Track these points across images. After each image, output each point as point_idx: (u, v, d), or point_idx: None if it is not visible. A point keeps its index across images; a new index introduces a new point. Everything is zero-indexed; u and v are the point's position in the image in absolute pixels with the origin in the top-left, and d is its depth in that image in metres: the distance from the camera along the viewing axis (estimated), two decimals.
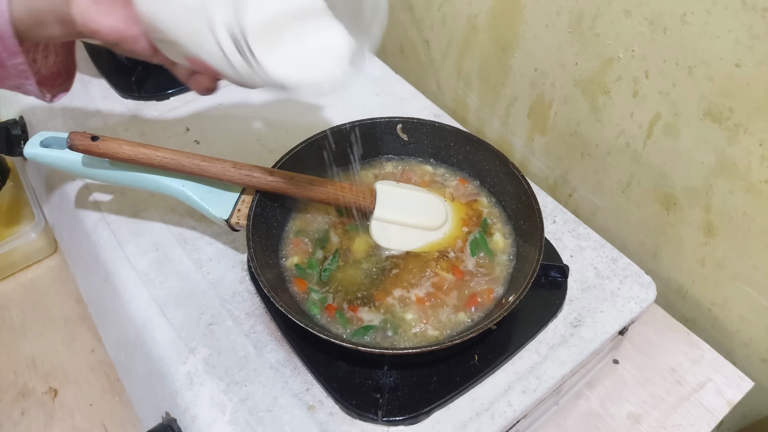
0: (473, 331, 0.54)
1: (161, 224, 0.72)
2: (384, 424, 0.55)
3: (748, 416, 0.76)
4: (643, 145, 0.70)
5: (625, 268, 0.68)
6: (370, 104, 0.87)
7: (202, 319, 0.63)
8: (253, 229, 0.61)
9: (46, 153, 0.63)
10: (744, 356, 0.72)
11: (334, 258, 0.63)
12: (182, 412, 0.58)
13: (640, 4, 0.62)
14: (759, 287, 0.66)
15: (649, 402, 0.67)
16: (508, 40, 0.81)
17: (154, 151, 0.59)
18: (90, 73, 0.93)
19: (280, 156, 0.67)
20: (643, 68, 0.65)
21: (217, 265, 0.68)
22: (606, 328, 0.62)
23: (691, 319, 0.76)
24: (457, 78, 0.94)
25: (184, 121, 0.85)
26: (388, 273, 0.63)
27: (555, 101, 0.79)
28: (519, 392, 0.57)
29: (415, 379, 0.58)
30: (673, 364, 0.70)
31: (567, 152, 0.81)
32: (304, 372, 0.59)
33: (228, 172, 0.61)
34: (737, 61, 0.56)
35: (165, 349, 0.61)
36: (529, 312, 0.62)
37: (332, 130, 0.70)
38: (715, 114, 0.61)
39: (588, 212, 0.83)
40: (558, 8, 0.71)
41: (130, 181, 0.64)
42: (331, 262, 0.63)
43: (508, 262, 0.64)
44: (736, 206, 0.64)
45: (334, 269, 0.63)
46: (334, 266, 0.63)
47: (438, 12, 0.90)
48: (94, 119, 0.86)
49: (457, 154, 0.72)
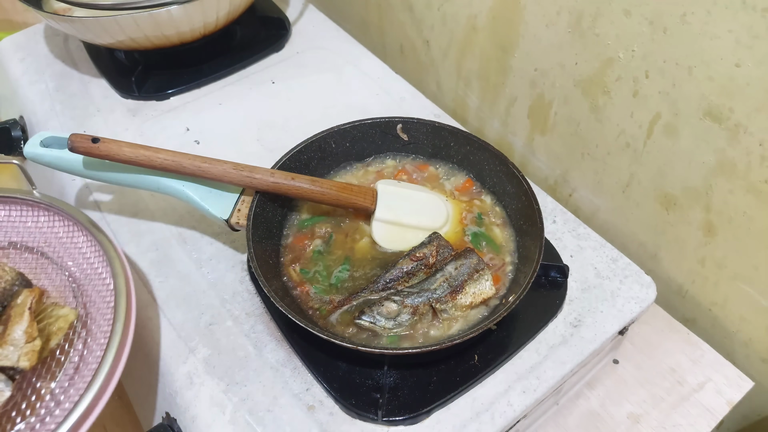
0: (473, 331, 0.54)
1: (161, 224, 0.72)
2: (384, 424, 0.55)
3: (748, 416, 0.76)
4: (643, 145, 0.70)
5: (625, 268, 0.68)
6: (370, 104, 0.87)
7: (202, 319, 0.63)
8: (253, 229, 0.61)
9: (46, 153, 0.63)
10: (744, 356, 0.72)
11: (344, 265, 0.63)
12: (182, 412, 0.58)
13: (640, 4, 0.62)
14: (759, 287, 0.66)
15: (649, 402, 0.67)
16: (508, 40, 0.81)
17: (155, 153, 0.59)
18: (90, 73, 0.93)
19: (280, 156, 0.67)
20: (643, 68, 0.65)
21: (217, 265, 0.68)
22: (606, 328, 0.62)
23: (691, 319, 0.76)
24: (457, 78, 0.94)
25: (184, 121, 0.85)
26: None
27: (555, 101, 0.79)
28: (519, 392, 0.57)
29: (415, 379, 0.58)
30: (673, 364, 0.70)
31: (567, 152, 0.81)
32: (304, 372, 0.59)
33: (229, 173, 0.61)
34: (737, 61, 0.56)
35: (165, 349, 0.61)
36: (529, 312, 0.62)
37: (332, 130, 0.70)
38: (715, 114, 0.61)
39: (588, 212, 0.83)
40: (558, 8, 0.71)
41: (130, 181, 0.64)
42: (341, 270, 0.63)
43: (509, 261, 0.64)
44: (736, 206, 0.64)
45: (341, 274, 0.63)
46: (344, 275, 0.63)
47: (438, 12, 0.90)
48: (94, 119, 0.86)
49: (457, 154, 0.72)
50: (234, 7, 0.86)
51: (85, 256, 0.62)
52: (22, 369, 0.51)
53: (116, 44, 0.83)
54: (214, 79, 0.91)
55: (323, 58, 0.95)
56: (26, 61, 0.95)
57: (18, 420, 0.51)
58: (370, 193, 0.66)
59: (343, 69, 0.93)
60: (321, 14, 1.05)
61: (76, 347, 0.56)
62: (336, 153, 0.72)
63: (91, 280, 0.60)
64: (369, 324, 0.57)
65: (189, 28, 0.83)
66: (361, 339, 0.58)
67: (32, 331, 0.52)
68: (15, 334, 0.52)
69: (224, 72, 0.92)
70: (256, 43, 0.96)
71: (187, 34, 0.84)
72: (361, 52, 0.97)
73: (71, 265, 0.62)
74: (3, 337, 0.51)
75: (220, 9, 0.84)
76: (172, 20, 0.80)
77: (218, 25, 0.87)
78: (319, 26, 1.02)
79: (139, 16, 0.77)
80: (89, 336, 0.56)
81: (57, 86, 0.90)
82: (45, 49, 0.97)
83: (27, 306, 0.53)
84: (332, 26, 1.02)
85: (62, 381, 0.54)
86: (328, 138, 0.70)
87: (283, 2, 1.06)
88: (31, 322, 0.53)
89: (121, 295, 0.56)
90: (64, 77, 0.92)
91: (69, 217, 0.63)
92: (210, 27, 0.86)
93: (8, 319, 0.53)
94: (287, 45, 0.97)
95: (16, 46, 0.98)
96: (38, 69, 0.94)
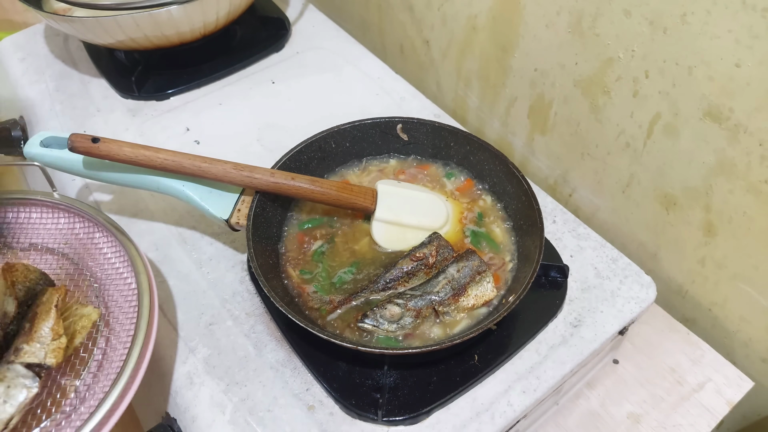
0: (473, 331, 0.54)
1: (161, 224, 0.72)
2: (384, 424, 0.55)
3: (748, 416, 0.76)
4: (643, 145, 0.70)
5: (625, 268, 0.68)
6: (370, 104, 0.87)
7: (202, 319, 0.63)
8: (253, 229, 0.61)
9: (46, 153, 0.64)
10: (744, 356, 0.72)
11: (350, 267, 0.64)
12: (182, 412, 0.58)
13: (640, 4, 0.62)
14: (759, 287, 0.66)
15: (649, 402, 0.67)
16: (508, 40, 0.81)
17: (155, 153, 0.59)
18: (90, 73, 0.93)
19: (280, 156, 0.67)
20: (643, 68, 0.65)
21: (217, 265, 0.68)
22: (606, 328, 0.62)
23: (691, 319, 0.76)
24: (457, 78, 0.94)
25: (184, 121, 0.85)
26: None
27: (555, 101, 0.79)
28: (519, 392, 0.57)
29: (415, 379, 0.58)
30: (673, 364, 0.70)
31: (567, 152, 0.81)
32: (304, 372, 0.59)
33: (229, 173, 0.61)
34: (737, 61, 0.56)
35: (165, 349, 0.61)
36: (529, 312, 0.62)
37: (332, 130, 0.70)
38: (715, 114, 0.61)
39: (588, 212, 0.83)
40: (558, 8, 0.71)
41: (130, 181, 0.64)
42: (346, 271, 0.63)
43: (509, 261, 0.64)
44: (736, 206, 0.64)
45: (345, 275, 0.63)
46: (348, 276, 0.63)
47: (438, 12, 0.90)
48: (94, 119, 0.86)
49: (457, 154, 0.72)
50: (234, 7, 0.86)
51: (105, 257, 0.62)
52: (48, 366, 0.51)
53: (116, 44, 0.84)
54: (214, 79, 0.91)
55: (323, 58, 0.95)
56: (26, 61, 0.95)
57: (44, 417, 0.52)
58: (370, 193, 0.66)
59: (343, 69, 0.93)
60: (321, 14, 1.05)
61: (99, 345, 0.56)
62: (336, 153, 0.72)
63: (112, 280, 0.61)
64: (372, 327, 0.57)
65: (189, 28, 0.83)
66: (361, 339, 0.58)
67: (58, 329, 0.53)
68: (42, 331, 0.52)
69: (224, 72, 0.92)
70: (256, 43, 0.96)
71: (187, 34, 0.84)
72: (361, 52, 0.97)
73: (92, 266, 0.63)
74: (30, 334, 0.52)
75: (220, 9, 0.84)
76: (172, 20, 0.80)
77: (218, 25, 0.87)
78: (319, 26, 1.02)
79: (139, 16, 0.77)
80: (112, 334, 0.57)
81: (57, 86, 0.90)
82: (45, 49, 0.97)
83: (53, 303, 0.54)
84: (332, 26, 1.02)
85: (86, 378, 0.54)
86: (328, 138, 0.70)
87: (283, 2, 1.06)
88: (57, 320, 0.53)
89: (144, 293, 0.57)
90: (64, 77, 0.92)
91: (90, 218, 0.64)
92: (210, 27, 0.86)
93: (35, 317, 0.53)
94: (287, 45, 0.97)
95: (16, 46, 0.99)
96: (38, 69, 0.94)
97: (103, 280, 0.61)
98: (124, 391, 0.51)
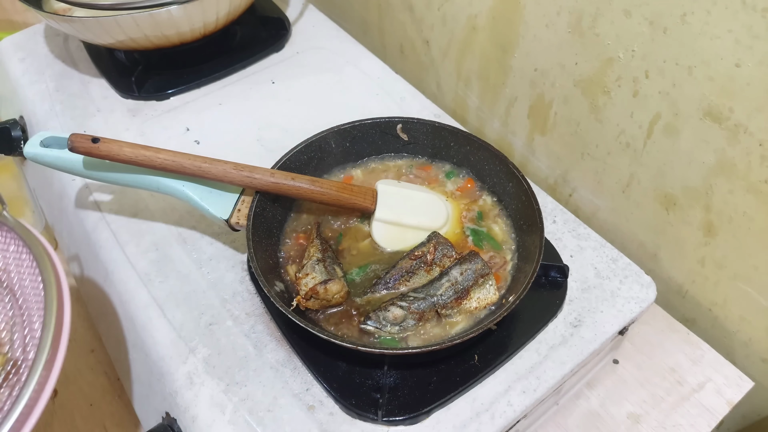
0: (473, 331, 0.54)
1: (161, 224, 0.72)
2: (384, 424, 0.55)
3: (748, 416, 0.76)
4: (643, 145, 0.70)
5: (625, 268, 0.68)
6: (370, 104, 0.87)
7: (202, 319, 0.63)
8: (253, 229, 0.61)
9: (46, 153, 0.63)
10: (744, 356, 0.72)
11: (360, 269, 0.64)
12: (182, 412, 0.58)
13: (640, 4, 0.62)
14: (759, 287, 0.66)
15: (649, 402, 0.67)
16: (508, 40, 0.81)
17: (155, 153, 0.59)
18: (90, 73, 0.93)
19: (280, 156, 0.67)
20: (643, 68, 0.65)
21: (217, 265, 0.68)
22: (606, 328, 0.62)
23: (691, 319, 0.76)
24: (457, 78, 0.94)
25: (184, 121, 0.85)
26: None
27: (555, 101, 0.79)
28: (519, 392, 0.57)
29: (415, 379, 0.58)
30: (673, 364, 0.70)
31: (567, 152, 0.81)
32: (304, 372, 0.59)
33: (229, 173, 0.61)
34: (737, 61, 0.56)
35: (165, 349, 0.61)
36: (529, 312, 0.62)
37: (332, 130, 0.70)
38: (715, 114, 0.61)
39: (588, 212, 0.83)
40: (558, 8, 0.71)
41: (130, 181, 0.64)
42: (356, 272, 0.63)
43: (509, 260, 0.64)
44: (736, 206, 0.64)
45: (354, 276, 0.63)
46: (357, 278, 0.63)
47: (438, 12, 0.90)
48: (94, 119, 0.86)
49: (457, 154, 0.72)
50: (234, 7, 0.86)
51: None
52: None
53: (116, 44, 0.83)
54: (214, 79, 0.91)
55: (323, 58, 0.95)
56: (26, 61, 0.95)
57: None
58: (370, 193, 0.66)
59: (343, 69, 0.93)
60: (321, 14, 1.05)
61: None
62: (336, 153, 0.72)
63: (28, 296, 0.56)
64: (375, 329, 0.57)
65: (189, 28, 0.83)
66: (361, 339, 0.58)
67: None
68: None
69: (224, 72, 0.92)
70: (256, 43, 0.96)
71: (187, 34, 0.84)
72: (361, 52, 0.97)
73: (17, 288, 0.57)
74: None
75: (220, 9, 0.84)
76: (172, 20, 0.80)
77: (218, 25, 0.87)
78: (319, 26, 1.02)
79: (139, 16, 0.77)
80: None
81: (57, 86, 0.90)
82: (45, 49, 0.97)
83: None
84: (332, 26, 1.02)
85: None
86: (328, 138, 0.70)
87: (283, 2, 1.06)
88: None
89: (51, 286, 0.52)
90: (64, 77, 0.92)
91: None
92: (210, 27, 0.86)
93: None
94: (287, 45, 0.97)
95: (16, 46, 0.98)
96: (38, 69, 0.94)
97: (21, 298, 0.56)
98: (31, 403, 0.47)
